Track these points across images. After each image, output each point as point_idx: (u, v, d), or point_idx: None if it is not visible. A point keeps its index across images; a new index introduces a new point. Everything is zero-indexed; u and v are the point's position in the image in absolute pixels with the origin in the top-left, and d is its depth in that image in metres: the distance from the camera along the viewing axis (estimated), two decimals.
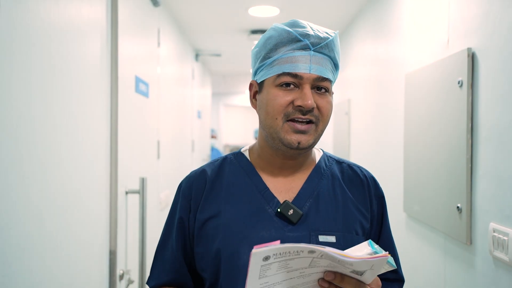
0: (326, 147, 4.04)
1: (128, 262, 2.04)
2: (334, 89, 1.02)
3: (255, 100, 1.01)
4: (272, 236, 0.94)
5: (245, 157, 1.06)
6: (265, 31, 0.99)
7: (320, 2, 3.03)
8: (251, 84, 1.02)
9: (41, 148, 1.20)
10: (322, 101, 0.94)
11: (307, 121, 0.94)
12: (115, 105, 1.81)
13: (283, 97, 0.93)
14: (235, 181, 1.02)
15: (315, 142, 0.97)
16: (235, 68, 6.59)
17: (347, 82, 3.56)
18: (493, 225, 1.37)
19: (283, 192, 1.00)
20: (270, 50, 0.95)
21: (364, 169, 1.08)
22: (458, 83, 1.57)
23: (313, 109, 0.93)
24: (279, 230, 0.95)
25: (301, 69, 0.92)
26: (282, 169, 1.02)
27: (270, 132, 0.96)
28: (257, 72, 1.00)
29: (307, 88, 0.92)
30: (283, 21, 0.98)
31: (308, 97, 0.91)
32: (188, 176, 1.07)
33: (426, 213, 1.89)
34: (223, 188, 1.01)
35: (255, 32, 3.86)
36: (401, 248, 2.07)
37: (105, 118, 1.75)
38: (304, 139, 0.94)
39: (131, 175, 2.07)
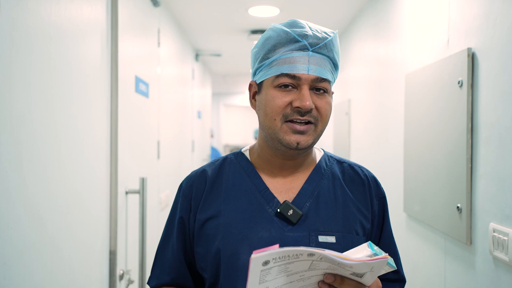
0: (326, 147, 4.04)
1: (128, 262, 2.04)
2: (334, 89, 1.02)
3: (255, 100, 1.01)
4: (272, 236, 0.94)
5: (246, 157, 1.06)
6: (265, 31, 0.99)
7: (320, 2, 3.03)
8: (250, 85, 1.02)
9: (41, 148, 1.20)
10: (321, 102, 0.94)
11: (306, 121, 0.94)
12: (115, 105, 1.81)
13: (282, 98, 0.93)
14: (235, 181, 1.02)
15: (314, 142, 0.97)
16: (235, 68, 6.59)
17: (347, 82, 3.56)
18: (493, 225, 1.37)
19: (283, 192, 1.00)
20: (269, 51, 0.95)
21: (365, 169, 1.08)
22: (458, 83, 1.57)
23: (311, 110, 0.93)
24: (278, 230, 0.95)
25: (299, 70, 0.92)
26: (282, 169, 1.02)
27: (269, 132, 0.96)
28: (256, 73, 1.00)
29: (305, 89, 0.92)
30: (283, 21, 0.98)
31: (306, 98, 0.91)
32: (189, 176, 1.07)
33: (426, 213, 1.89)
34: (223, 188, 1.01)
35: (255, 32, 3.85)
36: (402, 248, 2.07)
37: (105, 118, 1.75)
38: (303, 140, 0.94)
39: (131, 175, 2.07)
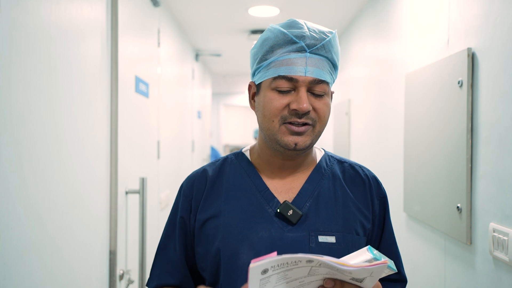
0: (326, 147, 4.04)
1: (128, 262, 2.04)
2: (334, 89, 1.02)
3: (254, 101, 1.01)
4: (271, 236, 0.94)
5: (246, 157, 1.06)
6: (263, 32, 0.99)
7: (320, 2, 3.03)
8: (249, 86, 1.02)
9: (41, 148, 1.20)
10: (318, 103, 0.94)
11: (304, 123, 0.93)
12: (115, 105, 1.81)
13: (279, 100, 0.93)
14: (235, 181, 1.02)
15: (313, 143, 0.97)
16: (235, 68, 6.59)
17: (347, 82, 3.56)
18: (493, 225, 1.37)
19: (283, 192, 1.00)
20: (267, 52, 0.95)
21: (366, 169, 1.08)
22: (458, 83, 1.57)
23: (309, 112, 0.92)
24: (278, 230, 0.95)
25: (296, 72, 0.91)
26: (282, 169, 1.02)
27: (267, 134, 0.96)
28: (255, 74, 1.00)
29: (303, 91, 0.92)
30: (283, 21, 0.97)
31: (304, 100, 0.91)
32: (189, 176, 1.07)
33: (426, 213, 1.89)
34: (223, 188, 1.01)
35: (255, 32, 3.85)
36: (402, 248, 2.07)
37: (105, 118, 1.75)
38: (301, 141, 0.94)
39: (131, 175, 2.07)
